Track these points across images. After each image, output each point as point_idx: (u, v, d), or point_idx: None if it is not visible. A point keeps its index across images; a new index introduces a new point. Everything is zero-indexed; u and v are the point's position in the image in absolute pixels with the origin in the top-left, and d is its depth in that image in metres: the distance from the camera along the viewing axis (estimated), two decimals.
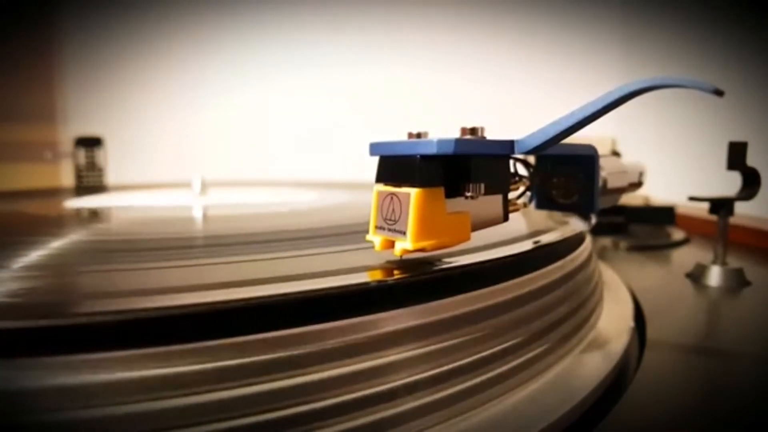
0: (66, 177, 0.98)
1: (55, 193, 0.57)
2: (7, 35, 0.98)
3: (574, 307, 0.22)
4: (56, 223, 0.33)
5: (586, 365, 0.20)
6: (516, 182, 0.22)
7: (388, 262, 0.18)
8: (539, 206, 0.25)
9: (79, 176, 0.66)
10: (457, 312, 0.16)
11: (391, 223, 0.17)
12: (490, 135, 0.18)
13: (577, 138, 0.20)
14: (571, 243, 0.24)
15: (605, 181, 0.25)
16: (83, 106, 1.06)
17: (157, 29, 1.06)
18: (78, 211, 0.39)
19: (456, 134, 0.17)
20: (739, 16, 0.78)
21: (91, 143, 0.67)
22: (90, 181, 0.66)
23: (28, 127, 1.03)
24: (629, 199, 0.52)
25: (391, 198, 0.17)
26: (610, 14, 1.05)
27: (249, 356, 0.13)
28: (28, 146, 1.02)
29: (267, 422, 0.13)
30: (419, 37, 1.06)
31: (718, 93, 0.13)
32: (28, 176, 1.01)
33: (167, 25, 1.07)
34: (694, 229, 0.52)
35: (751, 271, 0.33)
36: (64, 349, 0.12)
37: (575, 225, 0.27)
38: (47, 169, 1.03)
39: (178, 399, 0.12)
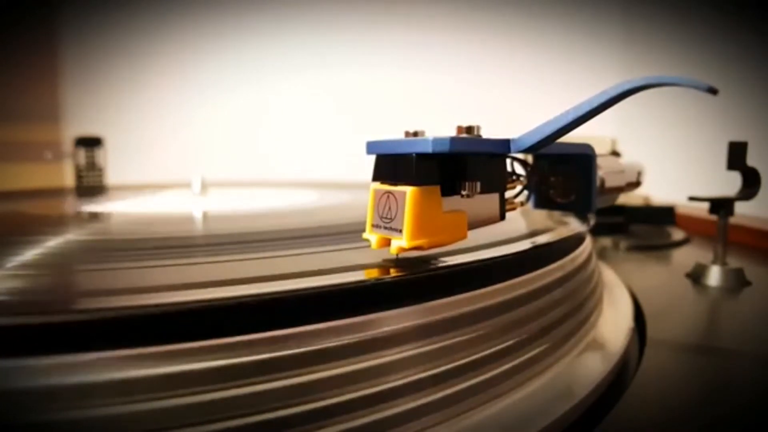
0: (66, 177, 0.98)
1: (55, 193, 0.57)
2: (7, 35, 0.98)
3: (574, 307, 0.22)
4: (55, 223, 0.32)
5: (586, 365, 0.20)
6: (513, 181, 0.21)
7: (385, 260, 0.17)
8: (537, 206, 0.25)
9: (79, 176, 0.66)
10: (455, 311, 0.16)
11: (387, 221, 0.17)
12: (489, 135, 0.17)
13: (578, 138, 0.20)
14: (571, 243, 0.24)
15: (603, 181, 0.24)
16: (83, 106, 1.06)
17: (156, 30, 1.07)
18: (78, 211, 0.39)
19: (453, 133, 0.17)
20: (739, 16, 0.78)
21: (91, 143, 0.67)
22: (90, 181, 0.66)
23: (29, 127, 1.03)
24: (629, 199, 0.52)
25: (388, 196, 0.17)
26: (610, 14, 1.04)
27: (245, 356, 0.13)
28: (28, 146, 1.02)
29: (265, 423, 0.12)
30: (417, 36, 1.06)
31: (712, 91, 0.13)
32: (29, 176, 1.01)
33: (167, 26, 1.07)
34: (694, 229, 0.52)
35: (751, 271, 0.33)
36: (60, 348, 0.11)
37: (575, 225, 0.27)
38: (47, 169, 1.03)
39: (176, 399, 0.12)
